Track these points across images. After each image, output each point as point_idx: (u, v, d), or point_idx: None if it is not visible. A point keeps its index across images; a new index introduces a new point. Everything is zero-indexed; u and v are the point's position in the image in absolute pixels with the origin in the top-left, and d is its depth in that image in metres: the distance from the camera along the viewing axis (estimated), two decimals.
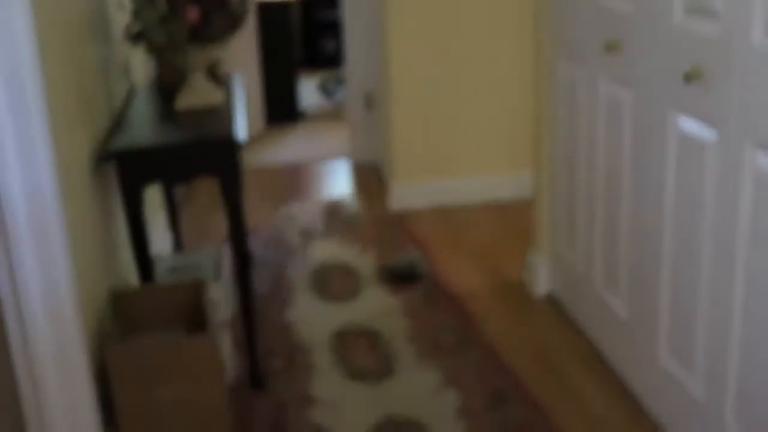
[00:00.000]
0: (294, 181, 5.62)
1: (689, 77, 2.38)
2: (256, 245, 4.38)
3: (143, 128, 3.18)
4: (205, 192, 5.07)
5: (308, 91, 7.69)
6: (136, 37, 3.17)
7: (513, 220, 4.61)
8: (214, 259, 3.43)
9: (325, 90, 7.67)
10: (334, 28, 7.95)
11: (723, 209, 2.33)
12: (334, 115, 7.11)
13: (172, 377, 2.52)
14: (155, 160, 2.90)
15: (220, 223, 4.52)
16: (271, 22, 6.65)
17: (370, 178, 5.51)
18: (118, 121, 3.15)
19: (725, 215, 2.32)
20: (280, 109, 6.87)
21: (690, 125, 2.48)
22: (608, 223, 3.09)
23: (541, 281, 3.74)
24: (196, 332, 2.77)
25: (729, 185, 2.29)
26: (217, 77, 3.56)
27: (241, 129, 2.97)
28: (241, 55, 6.06)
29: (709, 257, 2.43)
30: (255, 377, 3.09)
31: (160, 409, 2.52)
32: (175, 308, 2.87)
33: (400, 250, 4.21)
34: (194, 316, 2.85)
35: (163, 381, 2.52)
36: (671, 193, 2.61)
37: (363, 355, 3.32)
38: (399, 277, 3.93)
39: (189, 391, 2.54)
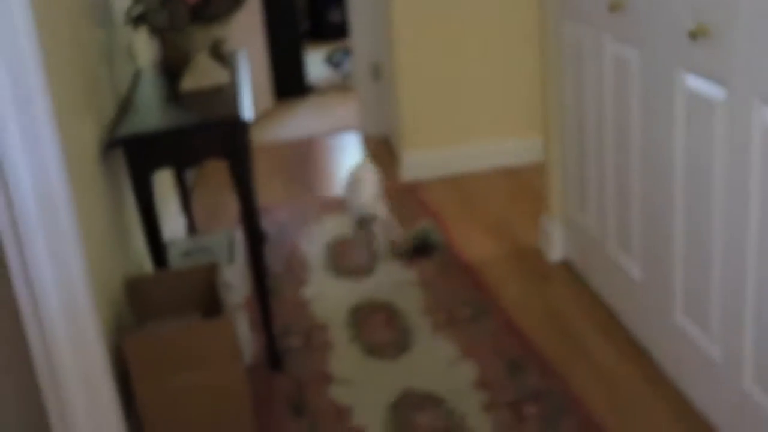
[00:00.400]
0: (305, 156, 5.61)
1: (695, 35, 2.35)
2: (270, 223, 4.37)
3: (149, 113, 3.17)
4: (217, 174, 5.06)
5: (315, 64, 7.66)
6: (137, 20, 3.16)
7: (526, 186, 4.59)
8: (227, 241, 3.43)
9: (333, 62, 7.63)
10: None
11: (733, 167, 2.31)
12: (342, 87, 7.08)
13: (190, 363, 2.53)
14: (162, 145, 2.89)
15: (232, 204, 4.53)
16: None
17: (381, 150, 5.49)
18: (125, 106, 3.14)
19: (736, 173, 2.30)
20: (288, 84, 6.85)
21: (697, 83, 2.45)
22: (619, 186, 3.07)
23: (556, 247, 3.73)
24: (212, 316, 2.77)
25: (738, 142, 2.27)
26: (222, 56, 3.54)
27: (247, 108, 2.95)
28: (246, 32, 6.03)
29: (722, 216, 2.40)
30: (272, 357, 3.10)
31: (179, 394, 2.53)
32: (190, 293, 2.87)
33: (414, 222, 4.20)
34: (210, 300, 2.85)
35: (182, 367, 2.52)
36: (681, 152, 2.59)
37: (379, 330, 3.32)
38: (413, 250, 3.92)
39: (208, 375, 2.55)
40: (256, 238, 3.02)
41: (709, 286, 2.52)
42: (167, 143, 2.89)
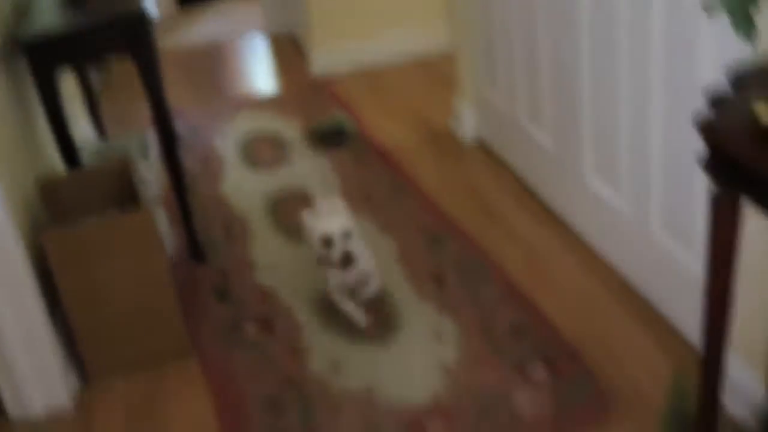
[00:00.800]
0: (212, 60, 5.53)
1: None
2: (182, 125, 4.33)
3: (48, 13, 3.09)
4: (124, 81, 4.97)
5: None
6: None
7: (436, 72, 4.61)
8: (139, 143, 3.40)
9: None
10: None
11: (637, 25, 2.36)
12: None
13: (113, 255, 2.52)
14: (65, 43, 2.83)
15: (141, 111, 4.46)
16: None
17: (288, 48, 5.44)
18: (22, 10, 3.06)
19: (640, 31, 2.35)
20: None
21: None
22: (528, 57, 3.11)
23: (468, 126, 3.77)
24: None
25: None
26: None
27: (150, 4, 2.91)
28: None
29: (627, 76, 2.46)
30: (195, 250, 3.11)
31: (104, 288, 2.53)
32: (105, 191, 2.85)
33: (326, 114, 4.21)
34: (125, 197, 2.84)
35: (104, 260, 2.52)
36: (586, 14, 2.63)
37: (297, 216, 3.34)
38: (327, 139, 3.93)
39: (131, 266, 2.55)
40: (169, 136, 3.00)
41: (618, 144, 2.59)
42: (69, 42, 2.83)
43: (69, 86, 3.90)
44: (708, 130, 1.40)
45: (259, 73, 5.21)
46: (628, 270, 2.71)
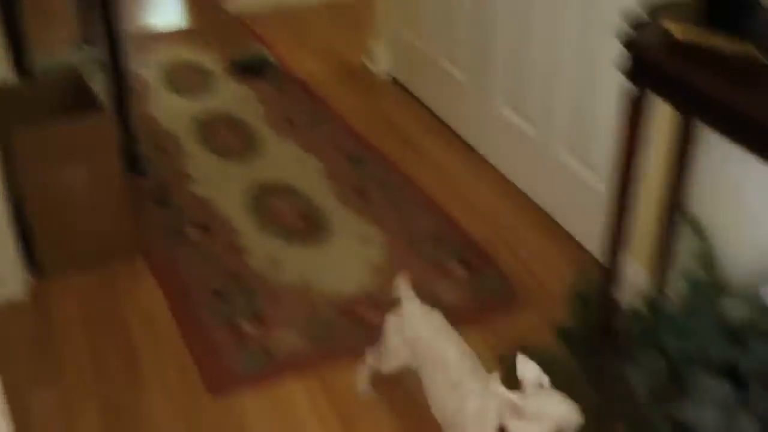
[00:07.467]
0: None
1: None
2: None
3: None
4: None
5: None
6: None
7: (352, 15, 4.88)
8: (88, 57, 3.56)
9: None
10: None
11: None
12: None
13: (74, 156, 2.70)
14: None
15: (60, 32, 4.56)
16: None
17: None
18: None
19: None
20: None
21: None
22: None
23: (382, 63, 4.08)
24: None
25: None
26: None
27: None
28: None
29: (541, 11, 2.82)
30: (135, 164, 3.31)
31: (62, 186, 2.71)
32: (54, 102, 3.01)
33: (246, 47, 4.44)
34: (74, 108, 3.00)
35: (66, 160, 2.69)
36: None
37: (226, 136, 3.60)
38: (248, 70, 4.17)
39: (89, 167, 2.73)
40: (118, 52, 3.19)
41: (530, 76, 2.96)
42: None
43: None
44: (632, 45, 1.76)
45: (171, 8, 5.36)
46: (534, 190, 3.09)
